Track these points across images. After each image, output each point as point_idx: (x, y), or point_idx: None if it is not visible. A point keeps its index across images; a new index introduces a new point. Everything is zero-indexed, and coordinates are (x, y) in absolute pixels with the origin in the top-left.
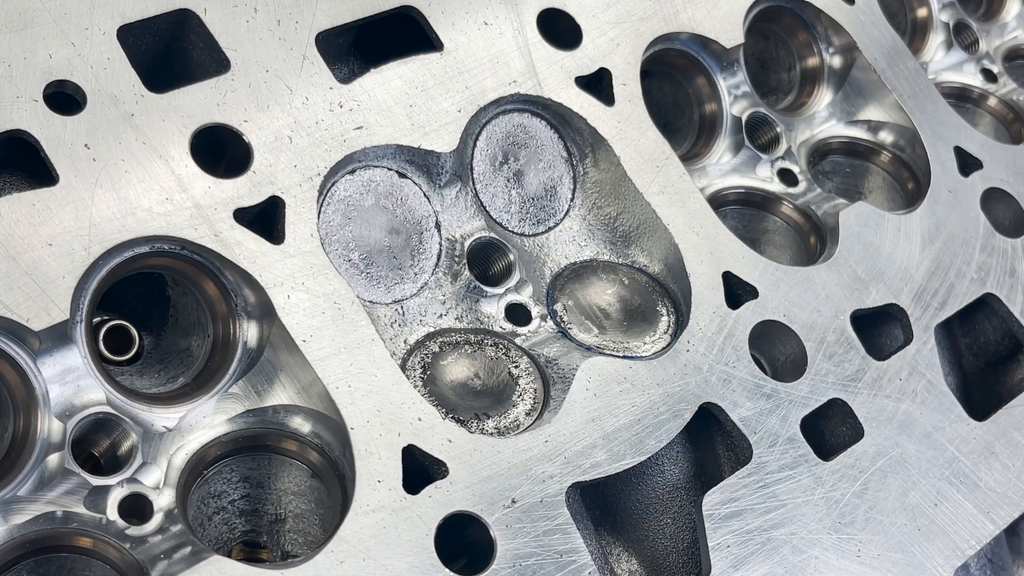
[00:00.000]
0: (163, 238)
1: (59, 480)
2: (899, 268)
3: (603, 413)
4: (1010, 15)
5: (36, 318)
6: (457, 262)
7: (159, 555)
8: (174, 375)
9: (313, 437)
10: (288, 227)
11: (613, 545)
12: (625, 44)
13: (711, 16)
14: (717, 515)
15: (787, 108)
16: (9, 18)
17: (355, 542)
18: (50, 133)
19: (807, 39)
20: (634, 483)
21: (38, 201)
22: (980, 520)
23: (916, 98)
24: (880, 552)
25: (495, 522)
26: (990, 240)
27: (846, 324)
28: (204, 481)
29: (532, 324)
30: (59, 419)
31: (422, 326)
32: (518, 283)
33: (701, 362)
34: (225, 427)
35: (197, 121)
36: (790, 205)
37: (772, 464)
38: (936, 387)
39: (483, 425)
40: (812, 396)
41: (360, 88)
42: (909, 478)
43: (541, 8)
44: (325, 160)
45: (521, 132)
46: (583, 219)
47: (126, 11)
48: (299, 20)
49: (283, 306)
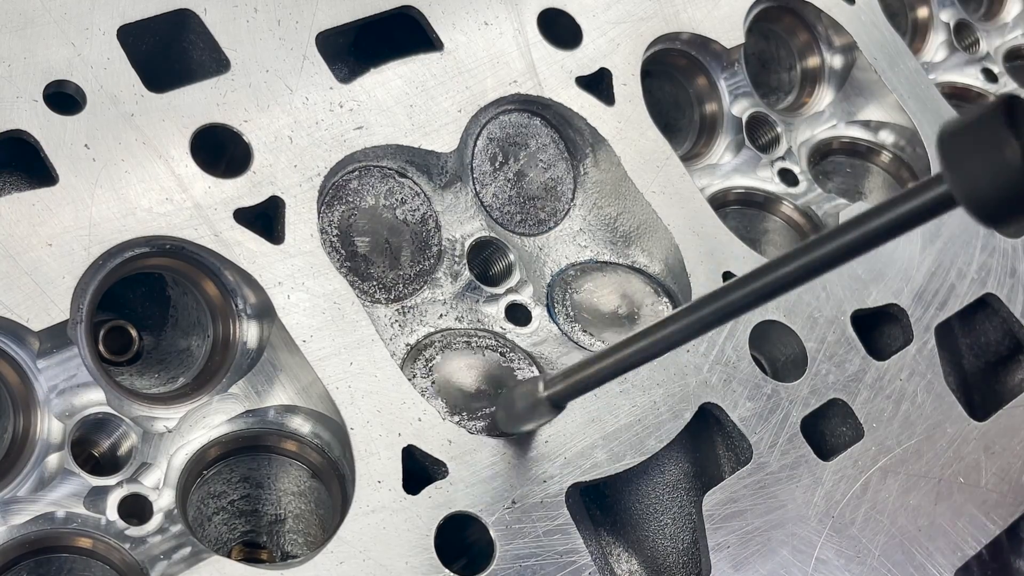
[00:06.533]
0: (163, 238)
1: (59, 480)
2: (899, 268)
3: (603, 413)
4: (1010, 15)
5: (36, 318)
6: (457, 262)
7: (159, 555)
8: (174, 375)
9: (313, 437)
10: (288, 227)
11: (613, 545)
12: (625, 44)
13: (711, 16)
14: (717, 515)
15: (787, 108)
16: (9, 18)
17: (355, 542)
18: (50, 133)
19: (807, 39)
20: (634, 483)
21: (38, 201)
22: (980, 520)
23: (916, 98)
24: (880, 552)
25: (495, 522)
26: (990, 240)
27: (846, 324)
28: (204, 481)
29: (532, 324)
30: (59, 419)
31: (422, 326)
32: (518, 283)
33: (701, 362)
34: (225, 427)
35: (197, 121)
36: (790, 205)
37: (772, 464)
38: (936, 387)
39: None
40: (812, 396)
41: (360, 88)
42: (909, 478)
43: (541, 8)
44: (325, 160)
45: (521, 132)
46: (583, 219)
47: (126, 11)
48: (299, 20)
49: (283, 306)
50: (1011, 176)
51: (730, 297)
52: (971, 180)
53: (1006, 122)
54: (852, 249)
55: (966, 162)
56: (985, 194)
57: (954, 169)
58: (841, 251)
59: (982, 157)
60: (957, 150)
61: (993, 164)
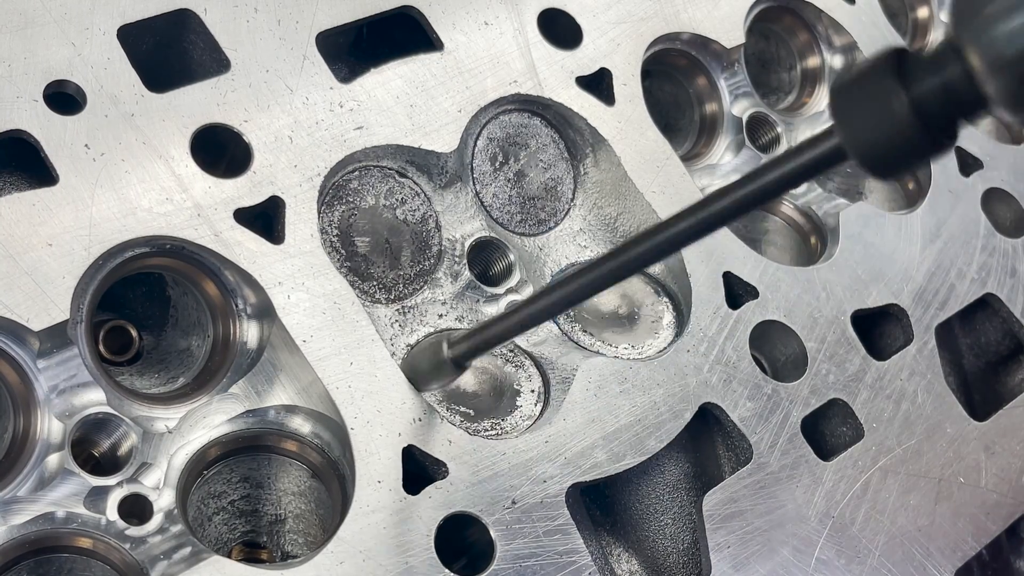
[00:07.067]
0: (163, 238)
1: (59, 480)
2: (899, 268)
3: (603, 413)
4: None
5: (36, 318)
6: (457, 262)
7: (159, 555)
8: (174, 375)
9: (313, 437)
10: (288, 227)
11: (613, 545)
12: (626, 44)
13: (711, 16)
14: (717, 515)
15: (788, 108)
16: (9, 18)
17: (355, 542)
18: (50, 133)
19: (808, 39)
20: (634, 483)
21: (38, 201)
22: (980, 520)
23: None
24: (880, 552)
25: (495, 523)
26: (991, 240)
27: (846, 324)
28: (204, 481)
29: None
30: (59, 419)
31: (422, 326)
32: (518, 283)
33: (701, 362)
34: (225, 427)
35: (197, 121)
36: (790, 205)
37: (772, 464)
38: (936, 387)
39: (483, 426)
40: (812, 396)
41: (360, 88)
42: (909, 478)
43: (541, 8)
44: (325, 160)
45: (521, 132)
46: (583, 219)
47: (126, 11)
48: (299, 20)
49: (283, 306)
50: (899, 127)
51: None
52: (861, 132)
53: (894, 74)
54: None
55: (856, 114)
56: (874, 145)
57: (844, 121)
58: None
59: (871, 108)
60: (847, 102)
61: (882, 115)
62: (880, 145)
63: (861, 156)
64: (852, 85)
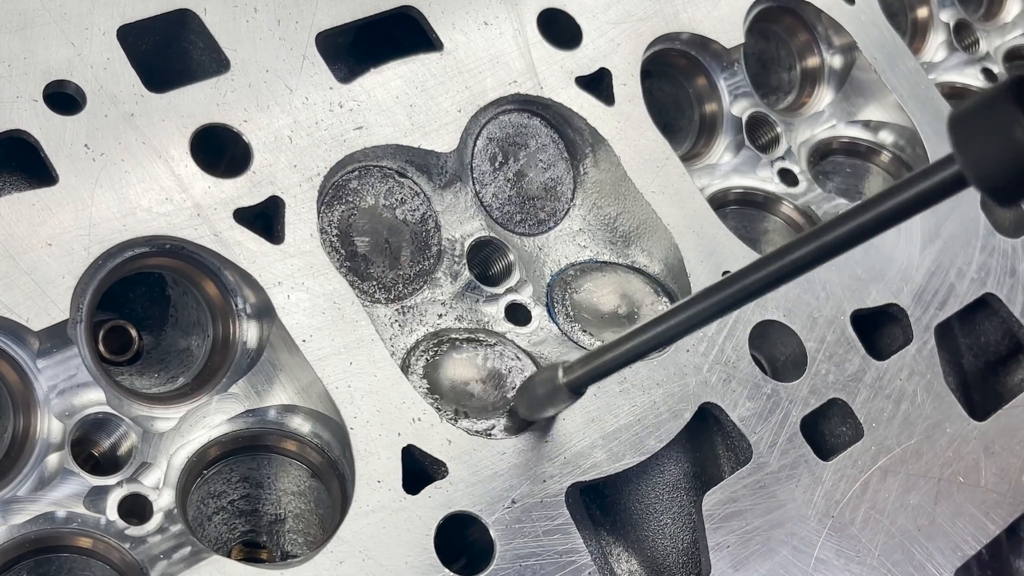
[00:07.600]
0: (163, 238)
1: (59, 480)
2: (899, 268)
3: (603, 413)
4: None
5: (36, 318)
6: (457, 262)
7: (159, 555)
8: (174, 375)
9: (313, 437)
10: (288, 227)
11: (613, 545)
12: (625, 44)
13: (711, 16)
14: (717, 515)
15: (787, 108)
16: (9, 18)
17: (355, 542)
18: (50, 133)
19: (807, 39)
20: (634, 483)
21: (38, 201)
22: (980, 520)
23: (916, 98)
24: (880, 552)
25: (495, 522)
26: (990, 240)
27: (846, 324)
28: (204, 481)
29: (532, 324)
30: (59, 419)
31: (422, 326)
32: (518, 283)
33: (701, 362)
34: (225, 427)
35: (197, 121)
36: (790, 205)
37: (772, 464)
38: (936, 387)
39: (482, 425)
40: (812, 396)
41: (360, 88)
42: (909, 478)
43: (541, 8)
44: (325, 160)
45: (521, 132)
46: (583, 219)
47: (126, 11)
48: (299, 20)
49: (283, 306)
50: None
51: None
52: (981, 159)
53: (1015, 102)
54: (866, 230)
55: (976, 142)
56: (995, 173)
57: (964, 149)
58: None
59: (992, 136)
60: (967, 130)
61: (1003, 143)
62: (1002, 173)
63: (983, 184)
64: (972, 113)
